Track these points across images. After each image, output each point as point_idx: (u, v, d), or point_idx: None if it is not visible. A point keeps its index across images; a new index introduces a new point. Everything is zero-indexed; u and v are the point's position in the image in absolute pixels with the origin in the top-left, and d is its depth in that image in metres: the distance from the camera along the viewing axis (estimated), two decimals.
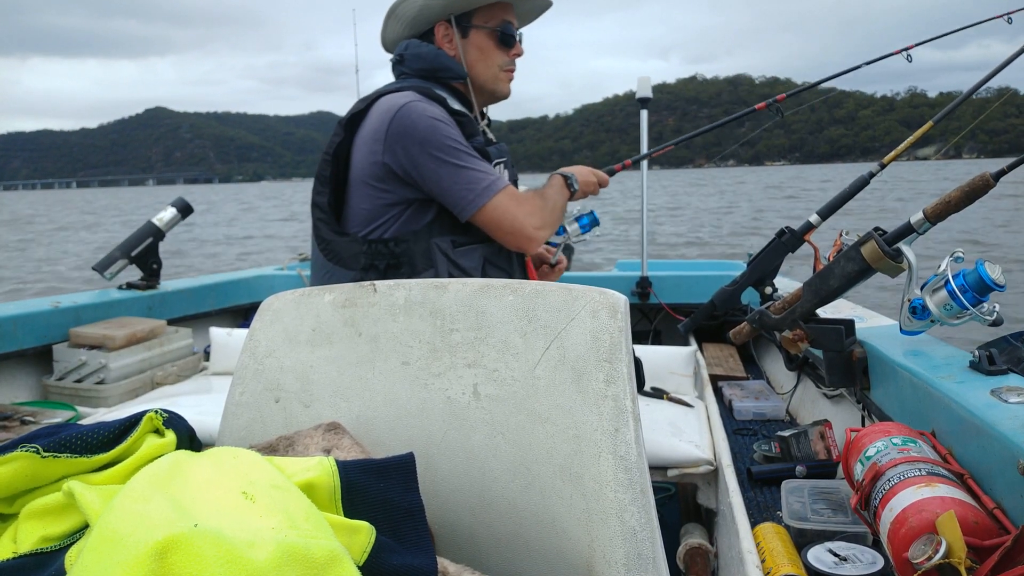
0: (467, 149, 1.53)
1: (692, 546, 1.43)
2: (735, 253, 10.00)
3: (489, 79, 1.68)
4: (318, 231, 1.59)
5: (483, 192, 1.52)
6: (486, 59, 1.67)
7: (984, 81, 1.59)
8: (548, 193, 1.68)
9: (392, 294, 0.89)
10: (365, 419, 0.86)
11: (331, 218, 1.58)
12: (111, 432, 0.70)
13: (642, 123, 2.93)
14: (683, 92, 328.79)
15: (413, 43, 1.65)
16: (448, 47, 1.65)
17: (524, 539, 0.78)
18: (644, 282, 2.86)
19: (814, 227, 1.71)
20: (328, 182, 1.59)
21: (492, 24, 1.65)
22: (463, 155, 1.52)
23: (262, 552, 0.48)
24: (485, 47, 1.66)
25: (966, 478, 0.98)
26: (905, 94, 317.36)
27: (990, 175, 1.25)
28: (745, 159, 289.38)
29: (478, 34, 1.65)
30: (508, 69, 1.71)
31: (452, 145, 1.51)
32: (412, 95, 1.54)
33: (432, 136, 1.49)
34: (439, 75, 1.63)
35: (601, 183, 1.83)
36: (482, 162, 1.55)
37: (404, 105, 1.51)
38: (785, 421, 1.87)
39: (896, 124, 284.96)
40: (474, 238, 1.58)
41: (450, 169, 1.50)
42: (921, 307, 1.29)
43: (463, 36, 1.64)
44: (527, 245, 1.59)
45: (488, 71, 1.67)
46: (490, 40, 1.65)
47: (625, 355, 0.76)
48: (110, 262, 2.43)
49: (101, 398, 2.01)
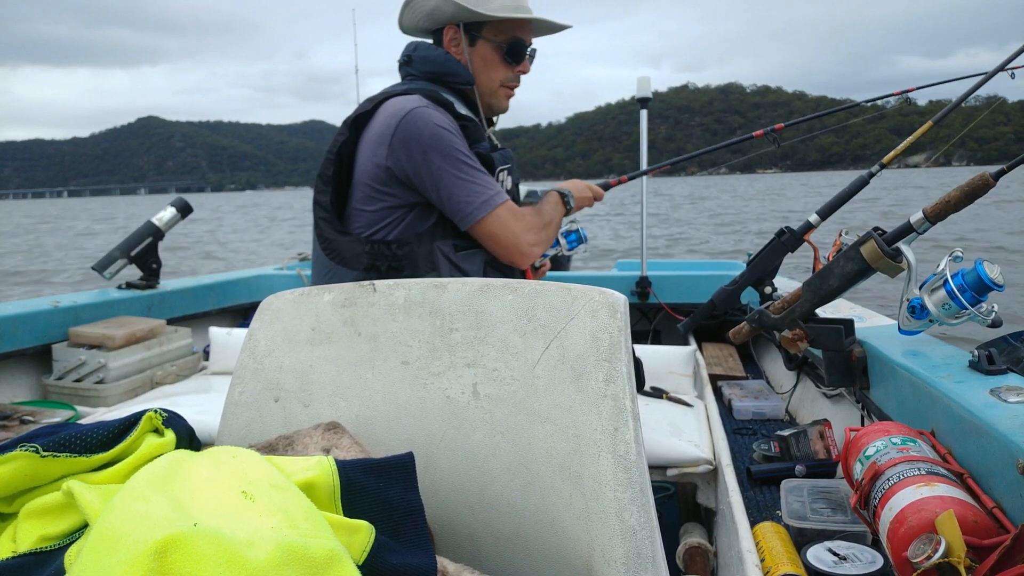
0: (470, 160, 1.54)
1: (691, 545, 1.43)
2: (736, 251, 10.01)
3: (487, 92, 1.69)
4: (320, 230, 1.59)
5: (483, 205, 1.53)
6: (489, 72, 1.66)
7: (985, 80, 1.59)
8: (545, 210, 1.69)
9: (392, 294, 0.89)
10: (365, 419, 0.86)
11: (333, 217, 1.58)
12: (110, 432, 0.70)
13: (642, 123, 2.93)
14: (675, 100, 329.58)
15: (422, 45, 1.65)
16: (455, 51, 1.65)
17: (524, 538, 0.78)
18: (644, 282, 2.86)
19: (813, 227, 1.71)
20: (331, 181, 1.59)
21: (500, 39, 1.64)
22: (466, 166, 1.52)
23: (261, 551, 0.48)
24: (490, 60, 1.65)
25: (965, 477, 0.98)
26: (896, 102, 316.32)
27: (990, 175, 1.25)
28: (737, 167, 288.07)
29: (485, 46, 1.64)
30: (510, 85, 1.70)
31: (456, 155, 1.51)
32: (420, 100, 1.53)
33: (437, 144, 1.49)
34: (447, 79, 1.63)
35: (596, 197, 1.86)
36: (484, 175, 1.56)
37: (412, 110, 1.51)
38: (784, 421, 1.87)
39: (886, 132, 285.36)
40: (476, 242, 1.59)
41: (452, 179, 1.51)
42: (920, 307, 1.29)
43: (471, 44, 1.64)
44: (520, 260, 1.61)
45: (489, 84, 1.68)
46: (496, 54, 1.65)
47: (624, 355, 0.76)
48: (109, 262, 2.43)
49: (100, 398, 2.01)
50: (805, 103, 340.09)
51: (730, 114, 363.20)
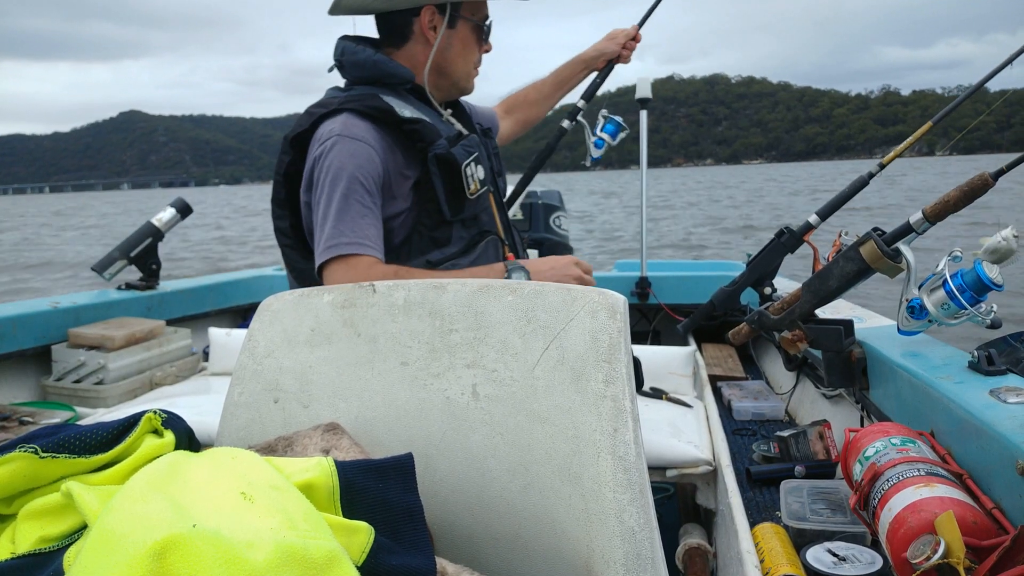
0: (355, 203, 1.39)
1: (691, 546, 1.43)
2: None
3: (464, 75, 1.59)
4: (288, 260, 1.52)
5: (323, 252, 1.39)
6: (466, 54, 1.57)
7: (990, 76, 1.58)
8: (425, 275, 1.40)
9: (391, 294, 0.89)
10: (364, 419, 0.86)
11: (297, 243, 1.50)
12: (110, 432, 0.70)
13: (641, 123, 2.93)
14: (660, 92, 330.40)
15: (349, 49, 1.51)
16: (431, 35, 1.51)
17: (523, 539, 0.78)
18: (643, 282, 2.86)
19: (813, 227, 1.71)
20: (285, 204, 1.50)
21: (478, 17, 1.56)
22: (342, 209, 1.39)
23: (261, 552, 0.48)
24: (468, 42, 1.56)
25: (965, 478, 0.98)
26: (879, 92, 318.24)
27: (989, 175, 1.25)
28: (723, 157, 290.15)
29: (465, 26, 1.54)
30: (478, 66, 1.63)
31: (344, 193, 1.39)
32: (345, 124, 1.41)
33: (336, 178, 1.38)
34: (385, 82, 1.51)
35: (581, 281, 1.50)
36: (359, 221, 1.39)
37: (333, 145, 1.40)
38: (784, 421, 1.87)
39: (871, 122, 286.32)
40: (452, 250, 1.48)
41: (321, 213, 1.40)
42: (919, 307, 1.29)
43: (450, 26, 1.52)
44: None
45: (466, 67, 1.58)
46: (473, 35, 1.56)
47: (624, 355, 0.76)
48: (109, 262, 2.43)
49: (100, 398, 2.01)
50: (790, 93, 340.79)
51: (716, 105, 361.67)
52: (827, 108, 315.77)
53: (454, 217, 1.47)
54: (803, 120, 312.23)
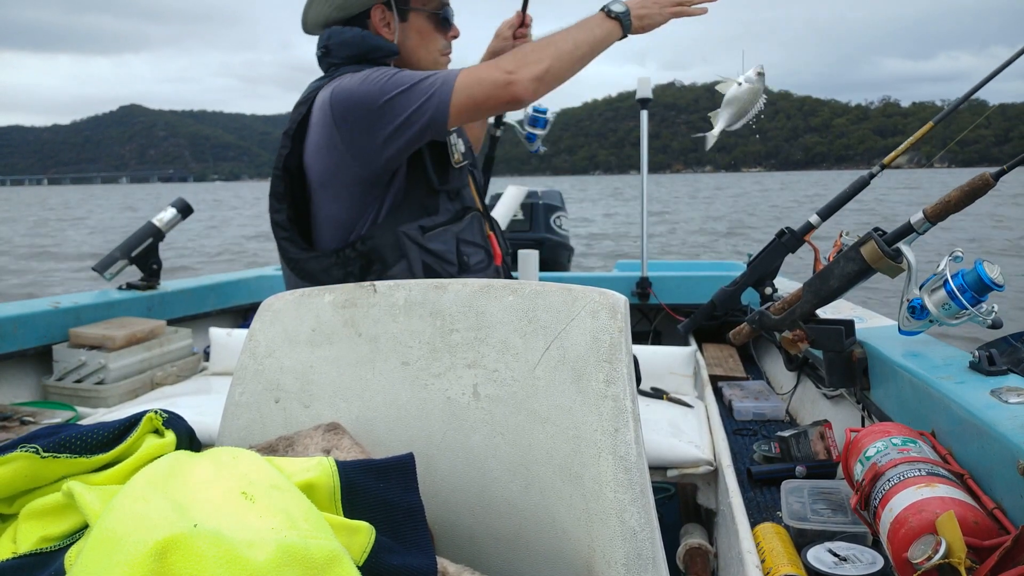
0: (405, 74, 1.42)
1: (692, 546, 1.43)
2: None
3: (429, 64, 1.60)
4: (285, 252, 1.52)
5: (440, 89, 1.39)
6: (426, 44, 1.58)
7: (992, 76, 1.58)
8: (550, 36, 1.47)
9: (392, 294, 0.89)
10: (365, 419, 0.86)
11: (295, 235, 1.51)
12: (111, 432, 0.70)
13: (642, 124, 2.94)
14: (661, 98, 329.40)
15: (335, 31, 1.54)
16: (386, 32, 1.55)
17: (524, 539, 0.78)
18: (644, 282, 2.86)
19: (814, 228, 1.71)
20: (284, 198, 1.51)
21: (431, 7, 1.57)
22: (402, 80, 1.41)
23: (262, 552, 0.48)
24: (425, 31, 1.58)
25: (966, 478, 0.98)
26: (879, 103, 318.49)
27: (990, 175, 1.25)
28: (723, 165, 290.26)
29: (418, 17, 1.56)
30: (446, 52, 1.63)
31: (389, 80, 1.40)
32: (345, 75, 1.45)
33: (371, 89, 1.40)
34: (370, 57, 1.52)
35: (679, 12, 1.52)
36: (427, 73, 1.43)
37: (335, 87, 1.43)
38: (785, 421, 1.87)
39: (870, 133, 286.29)
40: (441, 219, 1.50)
41: (402, 99, 1.39)
42: (920, 307, 1.29)
43: (402, 20, 1.55)
44: (510, 92, 1.40)
45: (429, 56, 1.59)
46: (429, 23, 1.57)
47: (625, 355, 0.76)
48: (110, 262, 2.43)
49: (101, 398, 2.01)
50: (790, 103, 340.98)
51: None
52: (827, 118, 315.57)
53: (441, 186, 1.51)
54: (803, 129, 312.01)
